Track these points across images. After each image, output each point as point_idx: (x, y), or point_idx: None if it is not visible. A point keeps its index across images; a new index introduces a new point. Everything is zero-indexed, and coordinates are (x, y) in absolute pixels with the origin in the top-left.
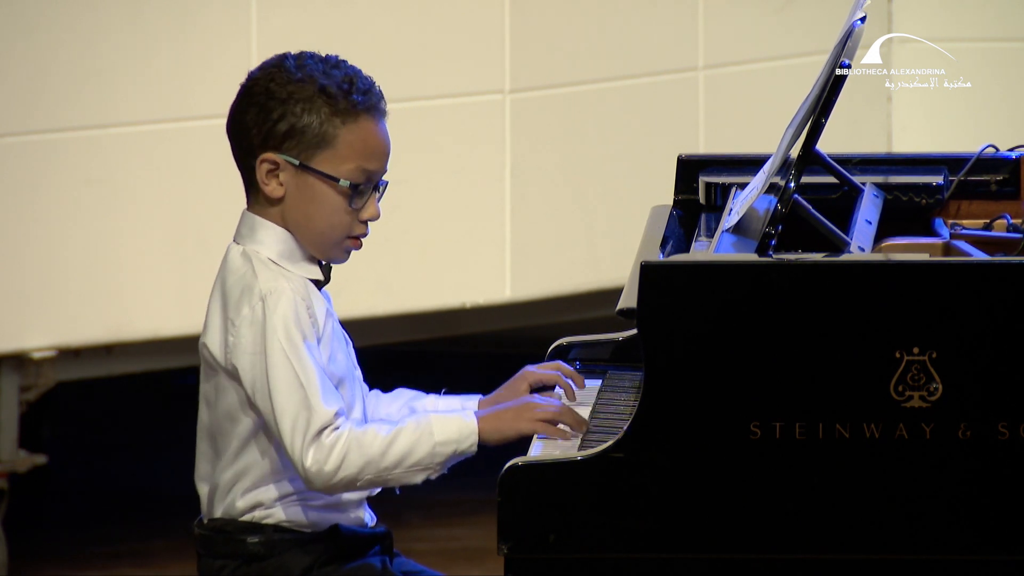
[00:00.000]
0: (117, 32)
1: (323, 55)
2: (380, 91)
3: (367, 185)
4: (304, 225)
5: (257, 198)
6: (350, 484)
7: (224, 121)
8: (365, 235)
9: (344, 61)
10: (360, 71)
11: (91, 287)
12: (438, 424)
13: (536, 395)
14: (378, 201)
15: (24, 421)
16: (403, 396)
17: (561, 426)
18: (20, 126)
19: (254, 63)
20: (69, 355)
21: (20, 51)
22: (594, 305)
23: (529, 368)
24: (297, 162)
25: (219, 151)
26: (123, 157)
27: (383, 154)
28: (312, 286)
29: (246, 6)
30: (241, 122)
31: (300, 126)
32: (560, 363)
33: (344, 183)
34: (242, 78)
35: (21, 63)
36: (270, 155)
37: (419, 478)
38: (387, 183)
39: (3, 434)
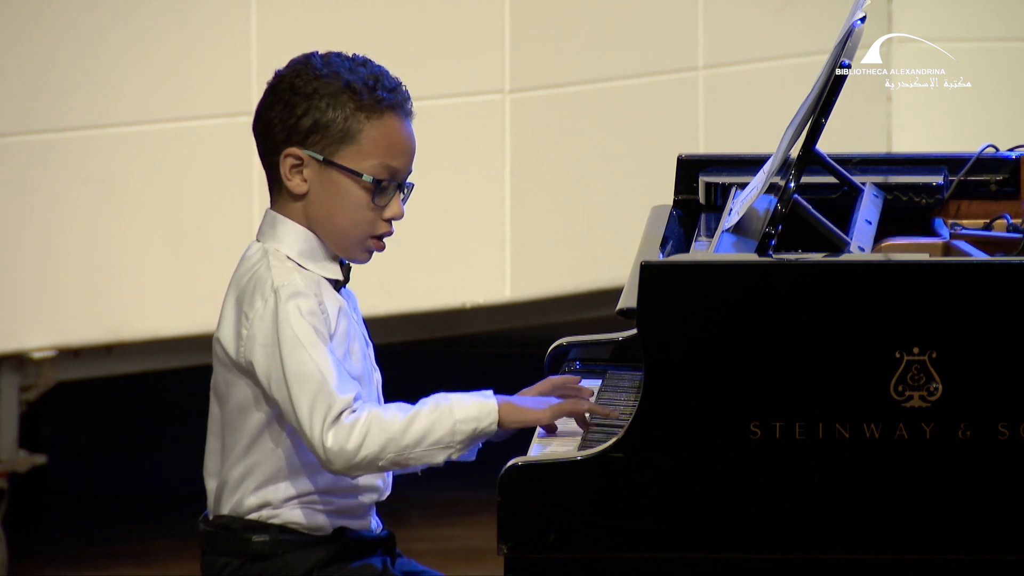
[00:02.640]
0: (117, 32)
1: (350, 54)
2: (407, 91)
3: (391, 182)
4: (327, 222)
5: (280, 195)
6: (371, 464)
7: (224, 120)
8: (389, 234)
9: (371, 60)
10: (387, 70)
11: (91, 287)
12: (457, 403)
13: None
14: (403, 202)
15: (24, 421)
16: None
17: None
18: (19, 126)
19: (254, 63)
20: (69, 355)
21: (20, 51)
22: (594, 305)
23: (553, 376)
24: (321, 157)
25: (218, 151)
26: (123, 157)
27: (408, 152)
28: (325, 284)
29: (246, 6)
30: (266, 118)
31: (325, 121)
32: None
33: (367, 178)
34: (242, 78)
35: (21, 63)
36: (294, 150)
37: (440, 457)
38: (412, 185)
39: (3, 434)
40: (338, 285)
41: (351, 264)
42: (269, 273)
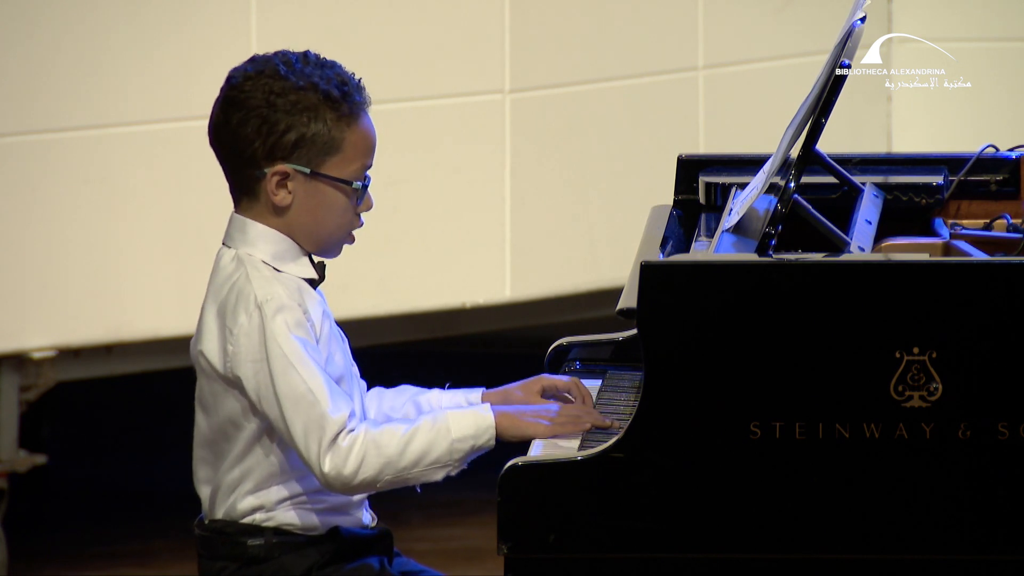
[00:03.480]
0: (117, 32)
1: (303, 54)
2: (363, 84)
3: (368, 181)
4: (312, 228)
5: (255, 203)
6: (370, 486)
7: None
8: (360, 226)
9: (322, 58)
10: (340, 65)
11: (91, 287)
12: (454, 420)
13: (553, 401)
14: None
15: (24, 421)
16: (407, 392)
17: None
18: (20, 126)
19: None
20: (69, 355)
21: (20, 51)
22: (594, 305)
23: (545, 375)
24: (308, 170)
25: None
26: (123, 157)
27: (375, 146)
28: (306, 287)
29: (246, 6)
30: (238, 133)
31: (309, 135)
32: (577, 380)
33: (357, 185)
34: None
35: (21, 63)
36: (281, 167)
37: (439, 475)
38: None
39: (3, 434)
40: (315, 283)
41: (324, 261)
42: (250, 286)
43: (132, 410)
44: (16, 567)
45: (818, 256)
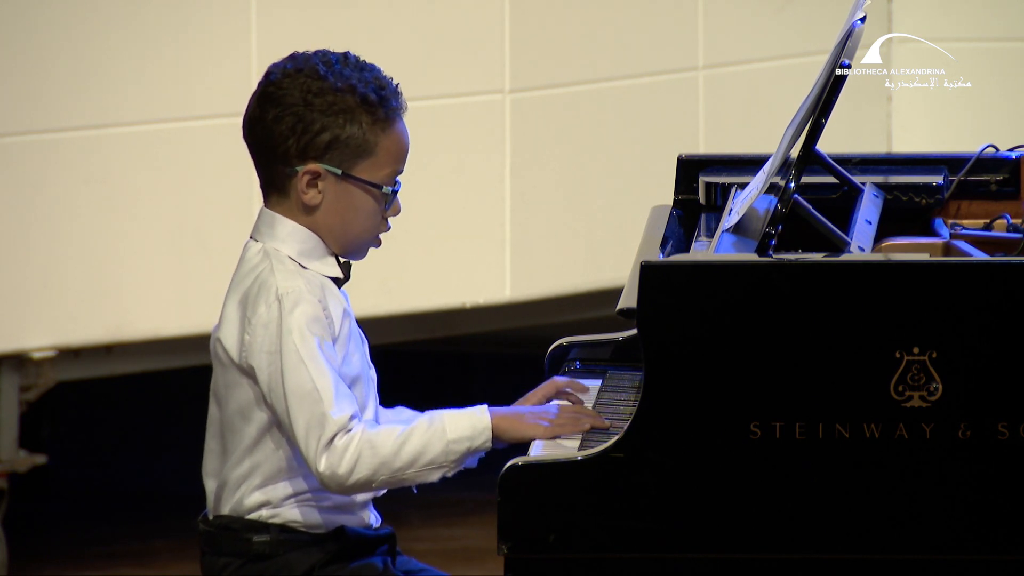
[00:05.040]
0: (117, 32)
1: (343, 55)
2: (399, 89)
3: (398, 186)
4: (339, 230)
5: (284, 200)
6: (365, 486)
7: (224, 121)
8: (387, 231)
9: (362, 60)
10: (378, 69)
11: (91, 287)
12: (451, 422)
13: (554, 402)
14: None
15: (24, 421)
16: (403, 415)
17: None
18: (20, 126)
19: (254, 63)
20: (69, 355)
21: (20, 51)
22: (594, 305)
23: (557, 378)
24: (340, 172)
25: (219, 151)
26: (123, 157)
27: (407, 152)
28: (329, 285)
29: (246, 6)
30: (273, 130)
31: (344, 137)
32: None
33: (387, 190)
34: (242, 78)
35: (21, 63)
36: (313, 166)
37: (435, 476)
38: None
39: (3, 434)
40: (339, 283)
41: (350, 261)
42: (273, 278)
43: (132, 410)
44: (16, 567)
45: (818, 256)
